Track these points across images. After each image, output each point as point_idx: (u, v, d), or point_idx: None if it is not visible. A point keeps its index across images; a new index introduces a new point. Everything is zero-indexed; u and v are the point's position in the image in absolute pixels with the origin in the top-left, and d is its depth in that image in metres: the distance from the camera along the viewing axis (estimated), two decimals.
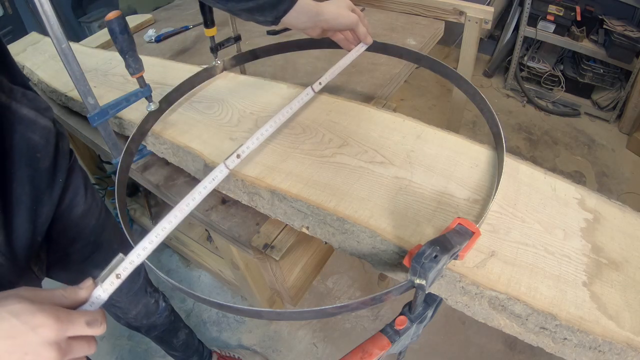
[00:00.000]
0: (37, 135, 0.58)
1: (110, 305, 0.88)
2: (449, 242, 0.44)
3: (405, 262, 0.46)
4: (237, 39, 0.98)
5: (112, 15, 0.62)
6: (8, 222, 0.54)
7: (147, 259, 0.49)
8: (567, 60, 2.33)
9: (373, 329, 1.37)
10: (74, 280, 0.82)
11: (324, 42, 0.90)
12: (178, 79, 0.85)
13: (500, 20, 2.48)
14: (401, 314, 0.50)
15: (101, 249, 0.80)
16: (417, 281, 0.42)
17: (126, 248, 0.78)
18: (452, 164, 0.65)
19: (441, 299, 0.53)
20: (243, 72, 1.07)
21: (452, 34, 2.49)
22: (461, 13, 1.27)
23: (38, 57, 1.21)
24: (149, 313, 0.96)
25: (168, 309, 1.03)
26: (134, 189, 1.68)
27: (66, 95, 0.99)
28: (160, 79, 0.95)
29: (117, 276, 0.45)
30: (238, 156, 0.64)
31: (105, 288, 0.44)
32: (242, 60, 0.98)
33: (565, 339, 0.47)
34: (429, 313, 0.51)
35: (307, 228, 0.62)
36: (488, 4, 2.10)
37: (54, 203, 0.64)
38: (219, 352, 1.30)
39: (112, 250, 0.82)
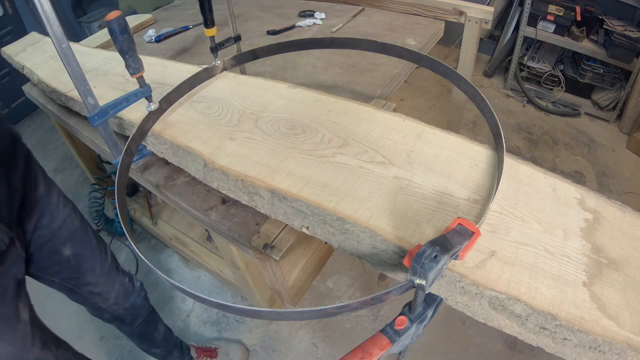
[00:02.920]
0: None
1: (91, 294, 0.90)
2: (449, 242, 0.44)
3: (405, 262, 0.46)
4: (237, 39, 0.98)
5: (112, 15, 0.62)
6: None
7: (148, 259, 0.49)
8: (567, 60, 2.32)
9: (373, 329, 1.37)
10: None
11: (324, 42, 0.90)
12: (178, 79, 0.85)
13: (500, 20, 2.48)
14: (401, 314, 0.50)
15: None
16: (417, 281, 0.42)
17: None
18: (452, 164, 0.65)
19: (441, 299, 0.53)
20: (243, 72, 1.07)
21: (452, 34, 2.49)
22: (461, 13, 1.27)
23: (38, 57, 1.21)
24: (127, 293, 0.98)
25: (144, 290, 1.05)
26: (134, 189, 1.68)
27: (66, 95, 0.99)
28: (160, 79, 0.95)
29: None
30: None
31: None
32: (242, 60, 0.98)
33: (565, 339, 0.47)
34: (429, 313, 0.51)
35: (307, 228, 0.62)
36: (488, 4, 2.10)
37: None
38: (196, 345, 1.31)
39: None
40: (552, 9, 2.06)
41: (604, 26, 2.00)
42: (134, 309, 1.01)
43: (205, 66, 0.92)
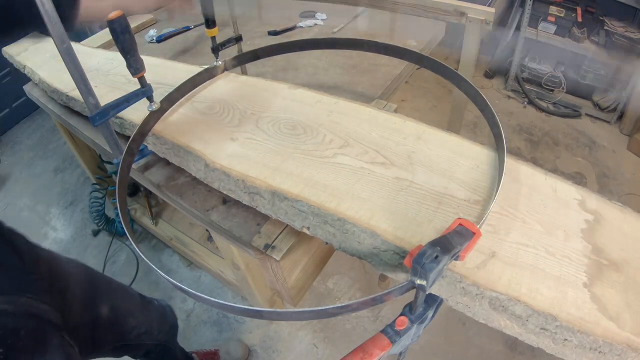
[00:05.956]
0: None
1: (139, 337, 0.85)
2: (450, 242, 0.44)
3: (406, 262, 0.46)
4: (238, 39, 0.98)
5: (113, 15, 0.62)
6: None
7: (148, 259, 0.49)
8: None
9: (373, 330, 1.37)
10: None
11: (325, 43, 0.90)
12: (179, 79, 0.85)
13: (501, 22, 2.48)
14: (402, 314, 0.50)
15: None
16: (418, 282, 0.42)
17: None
18: (452, 164, 0.65)
19: (442, 300, 0.53)
20: (244, 72, 1.07)
21: (453, 35, 2.48)
22: (462, 14, 1.27)
23: (39, 56, 1.21)
24: (163, 315, 0.95)
25: (168, 304, 1.03)
26: (134, 189, 1.68)
27: (67, 95, 1.00)
28: (162, 79, 0.95)
29: None
30: None
31: None
32: (243, 61, 0.98)
33: (566, 339, 0.47)
34: (430, 313, 0.50)
35: (308, 228, 0.62)
36: (489, 5, 2.10)
37: None
38: (196, 352, 1.31)
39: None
40: (552, 10, 2.06)
41: (605, 27, 2.00)
42: (173, 328, 0.99)
43: (206, 66, 0.92)
